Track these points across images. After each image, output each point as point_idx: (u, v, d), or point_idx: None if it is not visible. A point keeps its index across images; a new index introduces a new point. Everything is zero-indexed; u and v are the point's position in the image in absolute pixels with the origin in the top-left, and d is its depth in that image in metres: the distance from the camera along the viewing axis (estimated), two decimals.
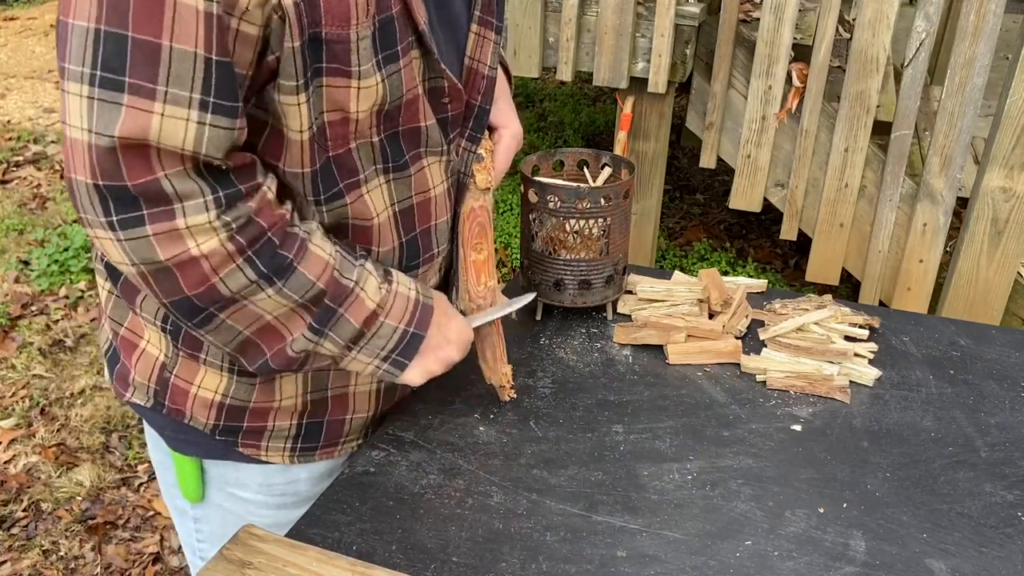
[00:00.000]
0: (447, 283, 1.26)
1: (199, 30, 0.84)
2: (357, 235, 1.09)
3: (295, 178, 1.00)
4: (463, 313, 1.25)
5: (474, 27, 1.12)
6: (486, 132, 1.20)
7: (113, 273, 1.14)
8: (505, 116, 1.25)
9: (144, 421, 1.25)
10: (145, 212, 0.89)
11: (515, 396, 1.30)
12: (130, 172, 0.87)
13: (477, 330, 1.26)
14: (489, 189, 1.21)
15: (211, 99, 0.87)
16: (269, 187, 0.97)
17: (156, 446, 1.25)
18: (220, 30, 0.85)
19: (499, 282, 1.29)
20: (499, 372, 1.28)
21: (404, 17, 0.99)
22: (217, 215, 0.91)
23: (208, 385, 1.13)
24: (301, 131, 0.96)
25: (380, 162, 1.06)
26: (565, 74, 3.20)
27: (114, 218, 0.89)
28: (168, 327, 1.11)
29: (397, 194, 1.10)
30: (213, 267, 0.93)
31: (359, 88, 0.97)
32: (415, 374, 1.14)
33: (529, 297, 1.30)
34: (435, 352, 1.15)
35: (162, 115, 0.85)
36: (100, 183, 0.87)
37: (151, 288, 0.94)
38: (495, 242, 1.27)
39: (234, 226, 0.93)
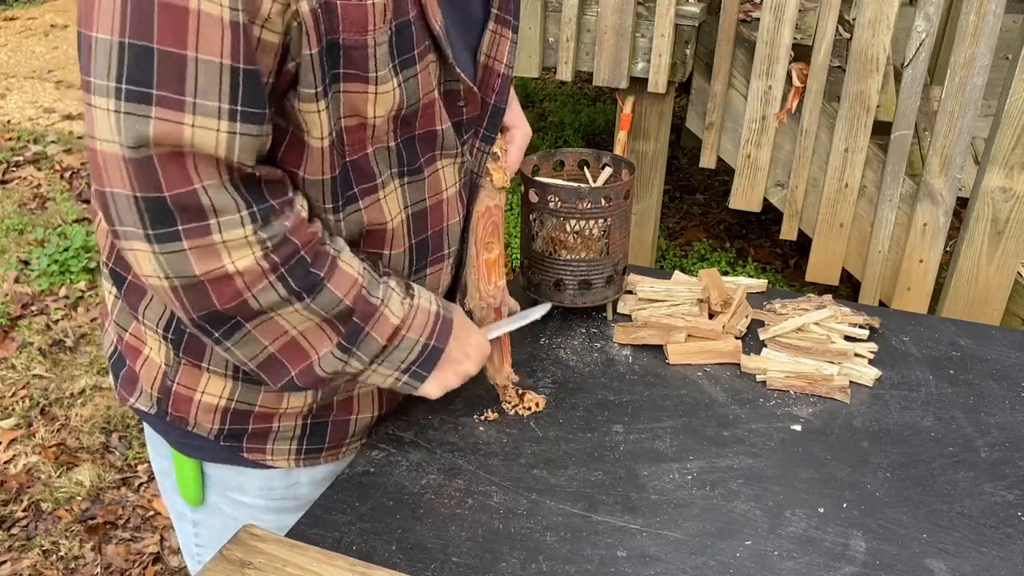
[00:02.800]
0: (457, 283, 1.26)
1: (224, 40, 0.84)
2: (370, 239, 1.09)
3: (314, 186, 1.00)
4: (471, 313, 1.25)
5: (491, 25, 1.12)
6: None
7: (118, 279, 1.13)
8: (516, 117, 1.26)
9: (146, 425, 1.25)
10: (181, 227, 0.89)
11: (517, 401, 1.30)
12: (168, 182, 0.87)
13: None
14: (505, 188, 1.21)
15: (239, 108, 0.87)
16: (302, 204, 0.98)
17: (157, 451, 1.25)
18: (245, 39, 0.85)
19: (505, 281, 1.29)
20: (504, 373, 1.28)
21: (421, 21, 0.99)
22: (254, 231, 0.92)
23: (212, 390, 1.13)
24: (321, 138, 0.96)
25: (396, 166, 1.06)
26: (565, 74, 3.20)
27: (151, 231, 0.89)
28: (170, 335, 1.10)
29: (411, 197, 1.10)
30: (247, 284, 0.94)
31: (376, 94, 0.97)
32: (433, 387, 1.15)
33: (546, 308, 1.32)
34: (453, 365, 1.16)
35: (192, 126, 0.85)
36: (139, 194, 0.87)
37: (179, 302, 0.94)
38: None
39: (270, 244, 0.93)
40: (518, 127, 1.25)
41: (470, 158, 1.16)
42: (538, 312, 1.30)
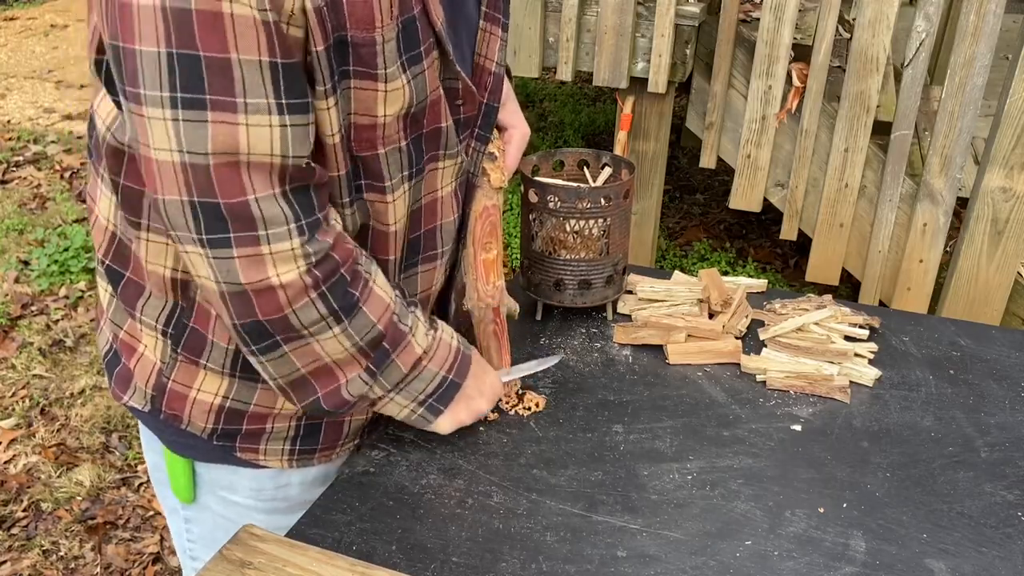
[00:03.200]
0: (452, 283, 1.26)
1: (259, 38, 0.86)
2: (375, 243, 1.10)
3: (332, 183, 1.01)
4: (470, 312, 1.25)
5: (481, 23, 1.12)
6: (495, 131, 1.21)
7: (114, 276, 1.13)
8: (514, 116, 1.26)
9: (140, 423, 1.25)
10: (232, 234, 0.92)
11: (516, 401, 1.30)
12: (222, 190, 0.90)
13: (483, 329, 1.27)
14: (502, 188, 1.21)
15: (284, 100, 0.90)
16: (336, 219, 1.01)
17: (151, 448, 1.25)
18: (279, 35, 0.87)
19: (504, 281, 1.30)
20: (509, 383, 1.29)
21: (424, 17, 0.99)
22: (300, 244, 0.95)
23: (208, 388, 1.13)
24: (332, 135, 0.97)
25: (406, 168, 1.07)
26: (565, 74, 3.20)
27: (205, 236, 0.92)
28: (170, 331, 1.11)
29: (411, 198, 1.11)
30: (289, 298, 0.96)
31: (386, 92, 0.98)
32: (446, 422, 1.17)
33: (556, 359, 1.35)
34: (468, 402, 1.18)
35: (247, 125, 0.88)
36: (196, 199, 0.90)
37: (226, 307, 0.97)
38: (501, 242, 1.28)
39: (314, 259, 0.96)
40: (516, 126, 1.26)
41: (466, 158, 1.16)
42: (550, 362, 1.34)
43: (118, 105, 1.02)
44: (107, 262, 1.13)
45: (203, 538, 1.28)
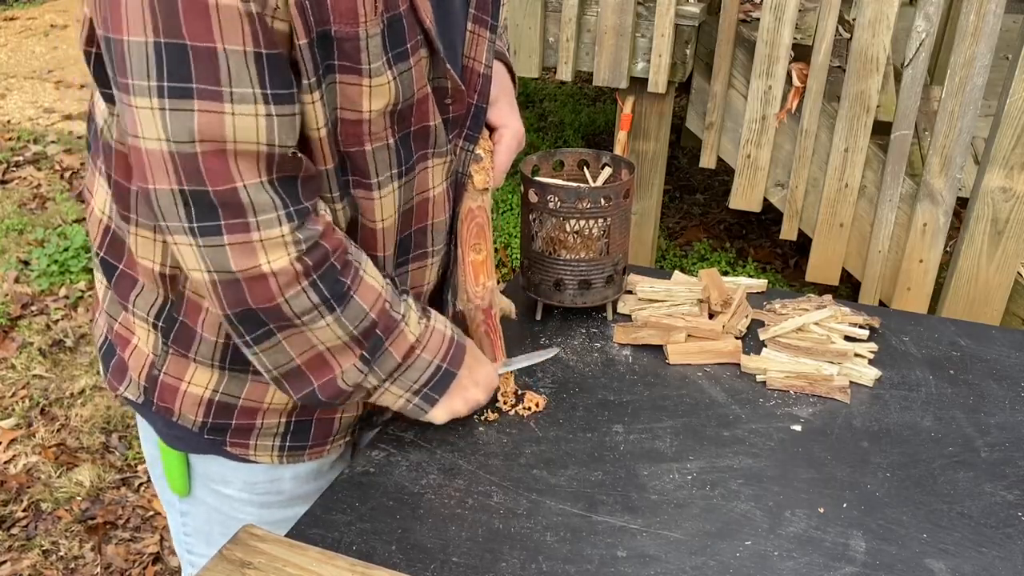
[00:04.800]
0: (445, 283, 1.26)
1: (244, 29, 0.87)
2: (363, 239, 1.10)
3: (320, 176, 1.02)
4: (461, 313, 1.25)
5: (469, 25, 1.12)
6: (484, 131, 1.20)
7: (108, 269, 1.14)
8: (506, 115, 1.25)
9: (137, 414, 1.26)
10: (223, 222, 0.92)
11: (515, 405, 1.30)
12: (211, 178, 0.91)
13: (475, 329, 1.27)
14: (488, 190, 1.21)
15: (270, 91, 0.91)
16: (325, 209, 1.02)
17: (148, 439, 1.26)
18: (263, 26, 0.88)
19: (499, 282, 1.29)
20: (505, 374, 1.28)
21: (412, 15, 1.00)
22: (291, 230, 0.95)
23: (199, 381, 1.13)
24: (318, 128, 0.98)
25: (395, 167, 1.07)
26: (565, 74, 3.20)
27: (195, 224, 0.92)
28: (160, 324, 1.11)
29: (403, 198, 1.11)
30: (280, 286, 0.97)
31: (371, 87, 0.98)
32: (442, 411, 1.17)
33: (554, 351, 1.35)
34: (463, 392, 1.18)
35: (233, 114, 0.89)
36: (185, 188, 0.91)
37: (218, 296, 0.97)
38: (494, 242, 1.27)
39: (304, 246, 0.97)
40: (507, 125, 1.25)
41: (455, 157, 1.17)
42: (547, 354, 1.34)
43: (106, 98, 1.03)
44: (102, 254, 1.14)
45: (198, 531, 1.29)
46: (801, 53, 3.11)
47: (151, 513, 2.57)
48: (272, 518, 1.20)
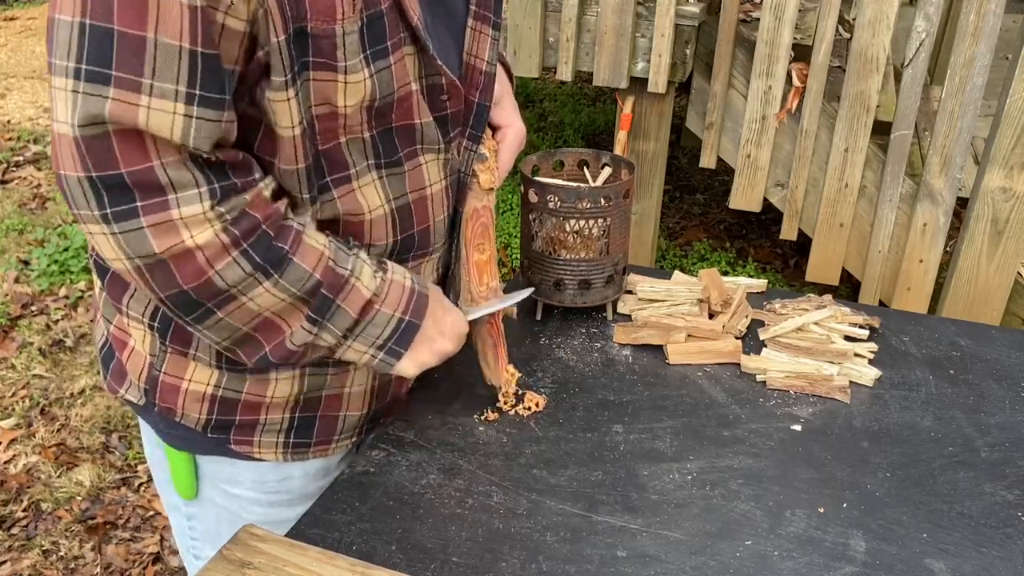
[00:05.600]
0: (445, 282, 1.26)
1: (183, 23, 0.84)
2: (348, 231, 1.08)
3: (291, 175, 1.00)
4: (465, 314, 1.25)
5: (471, 22, 1.12)
6: (488, 131, 1.20)
7: (101, 271, 1.14)
8: (509, 115, 1.25)
9: (139, 417, 1.25)
10: (139, 204, 0.89)
11: (513, 403, 1.30)
12: (125, 159, 0.87)
13: (478, 330, 1.26)
14: (493, 189, 1.21)
15: (197, 91, 0.87)
16: (266, 184, 0.98)
17: (151, 442, 1.25)
18: (204, 23, 0.85)
19: (500, 282, 1.29)
20: (500, 375, 1.28)
21: (395, 13, 0.99)
22: (211, 206, 0.92)
23: (199, 378, 1.13)
24: (292, 127, 0.96)
25: (372, 158, 1.06)
26: (565, 74, 3.20)
27: (108, 210, 0.89)
28: (156, 324, 1.11)
29: (393, 191, 1.10)
30: (208, 259, 0.93)
31: (345, 83, 0.97)
32: (409, 364, 1.13)
33: (526, 292, 1.30)
34: (429, 343, 1.14)
35: (148, 108, 0.85)
36: (93, 174, 0.87)
37: (147, 283, 0.94)
38: (496, 242, 1.27)
39: (228, 217, 0.93)
40: (510, 125, 1.25)
41: (457, 156, 1.16)
42: (519, 296, 1.28)
43: None
44: (94, 256, 1.14)
45: (207, 534, 1.28)
46: (801, 53, 3.11)
47: (151, 513, 2.57)
48: (281, 517, 1.20)
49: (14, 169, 4.64)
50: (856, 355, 1.42)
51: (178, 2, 0.83)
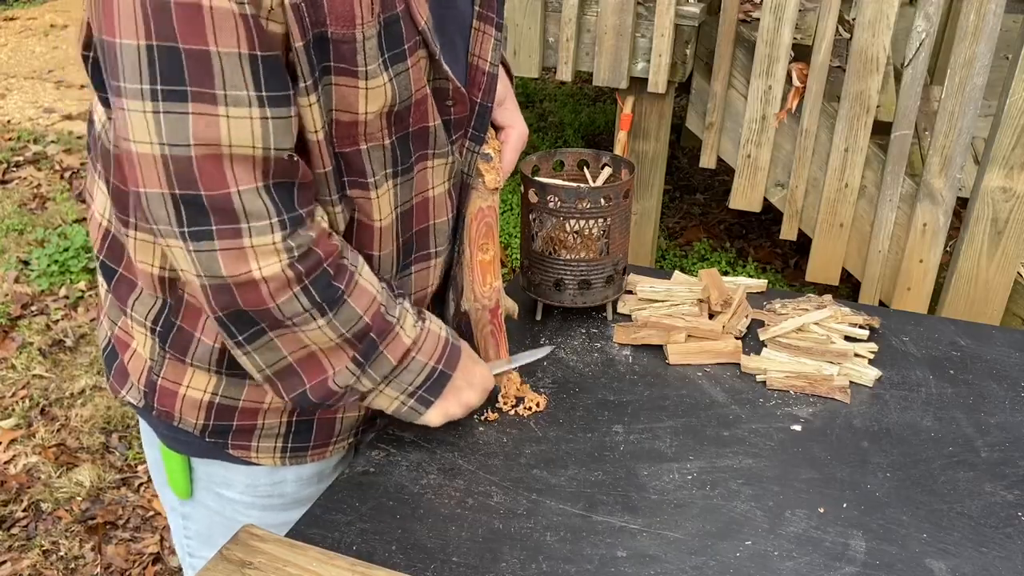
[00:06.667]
0: (448, 283, 1.26)
1: (238, 31, 0.86)
2: (360, 238, 1.09)
3: (318, 180, 1.01)
4: (466, 313, 1.25)
5: (474, 23, 1.12)
6: (492, 131, 1.20)
7: (108, 273, 1.14)
8: (511, 116, 1.26)
9: (139, 417, 1.26)
10: (214, 227, 0.92)
11: (515, 405, 1.30)
12: (205, 183, 0.90)
13: (480, 328, 1.27)
14: (497, 189, 1.21)
15: (265, 93, 0.90)
16: (322, 216, 1.01)
17: (150, 442, 1.26)
18: (257, 28, 0.88)
19: (501, 282, 1.30)
20: (500, 375, 1.28)
21: (409, 16, 0.99)
22: (283, 238, 0.95)
23: (197, 385, 1.13)
24: (315, 131, 0.98)
25: (390, 166, 1.07)
26: (565, 74, 3.20)
27: (187, 228, 0.92)
28: (157, 328, 1.11)
29: (401, 197, 1.10)
30: (271, 292, 0.96)
31: (367, 89, 0.98)
32: (436, 414, 1.17)
33: (548, 350, 1.37)
34: (457, 394, 1.17)
35: (228, 117, 0.88)
36: (177, 192, 0.90)
37: (207, 300, 0.97)
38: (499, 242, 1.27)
39: (296, 253, 0.96)
40: (513, 126, 1.25)
41: (459, 158, 1.16)
42: (541, 352, 1.34)
43: (103, 103, 1.03)
44: (102, 258, 1.14)
45: (200, 535, 1.29)
46: (801, 53, 3.11)
47: (151, 513, 2.57)
48: (274, 521, 1.20)
49: (14, 169, 4.64)
50: (856, 355, 1.42)
51: (229, 12, 0.85)
